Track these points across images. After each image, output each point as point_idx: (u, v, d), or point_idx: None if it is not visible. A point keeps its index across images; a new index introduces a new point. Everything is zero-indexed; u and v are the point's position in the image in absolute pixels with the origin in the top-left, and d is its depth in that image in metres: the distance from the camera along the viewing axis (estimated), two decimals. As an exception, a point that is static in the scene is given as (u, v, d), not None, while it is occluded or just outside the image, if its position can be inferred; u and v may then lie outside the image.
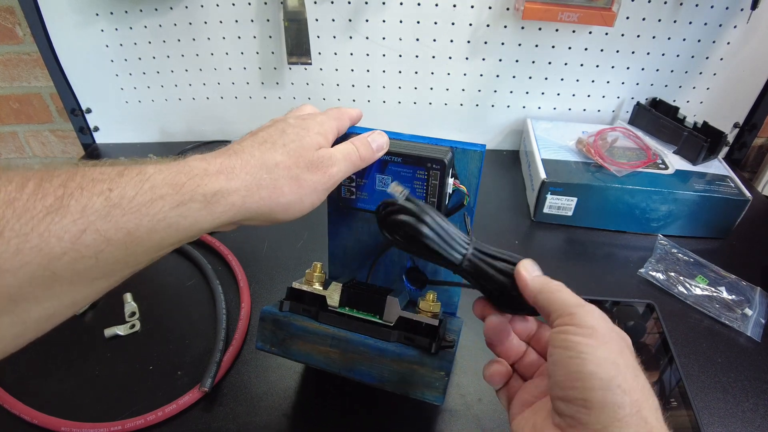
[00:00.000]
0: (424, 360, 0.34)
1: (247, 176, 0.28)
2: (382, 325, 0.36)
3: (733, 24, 0.68)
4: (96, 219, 0.23)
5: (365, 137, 0.35)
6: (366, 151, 0.35)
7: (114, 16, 0.71)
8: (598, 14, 0.64)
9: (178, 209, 0.25)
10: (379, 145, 0.36)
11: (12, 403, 0.42)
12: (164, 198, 0.25)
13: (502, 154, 0.82)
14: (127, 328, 0.49)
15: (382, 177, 0.38)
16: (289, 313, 0.37)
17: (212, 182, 0.27)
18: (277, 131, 0.32)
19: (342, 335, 0.35)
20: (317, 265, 0.39)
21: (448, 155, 0.36)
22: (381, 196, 0.39)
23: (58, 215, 0.22)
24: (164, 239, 0.26)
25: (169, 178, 0.26)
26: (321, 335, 0.36)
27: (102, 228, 0.23)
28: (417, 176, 0.37)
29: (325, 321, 0.36)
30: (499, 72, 0.75)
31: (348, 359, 0.35)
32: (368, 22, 0.71)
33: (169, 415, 0.41)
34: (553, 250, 0.62)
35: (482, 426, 0.42)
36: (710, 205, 0.61)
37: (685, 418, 0.41)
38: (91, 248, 0.23)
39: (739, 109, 0.77)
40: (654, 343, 0.48)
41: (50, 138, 0.94)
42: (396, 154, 0.36)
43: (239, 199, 0.28)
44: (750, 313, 0.52)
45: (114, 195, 0.24)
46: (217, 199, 0.27)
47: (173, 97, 0.80)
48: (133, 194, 0.24)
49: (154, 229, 0.25)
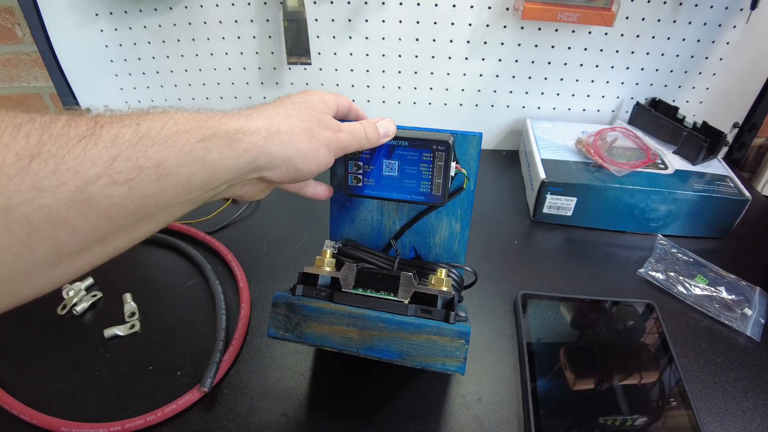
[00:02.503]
0: (443, 330, 0.34)
1: (266, 120, 0.30)
2: (398, 302, 0.36)
3: (733, 24, 0.68)
4: (127, 147, 0.24)
5: (373, 121, 0.38)
6: (372, 132, 0.37)
7: (113, 17, 0.71)
8: (597, 14, 0.64)
9: (203, 143, 0.27)
10: (386, 131, 0.38)
11: (12, 403, 0.42)
12: (189, 132, 0.26)
13: (502, 154, 0.82)
14: (126, 328, 0.49)
15: (389, 162, 0.39)
16: (303, 296, 0.37)
17: (233, 121, 0.28)
18: (283, 100, 0.34)
19: (359, 312, 0.35)
20: (327, 251, 0.40)
21: (451, 138, 0.38)
22: (388, 183, 0.40)
23: (91, 142, 0.23)
24: (192, 175, 0.26)
25: (192, 116, 0.27)
26: (338, 315, 0.35)
27: (133, 156, 0.24)
28: (423, 159, 0.39)
29: (341, 301, 0.36)
30: (499, 72, 0.75)
31: (366, 337, 0.35)
32: (368, 22, 0.71)
33: (168, 416, 0.41)
34: (553, 250, 0.62)
35: (482, 426, 0.42)
36: (710, 205, 0.61)
37: (684, 417, 0.41)
38: (123, 174, 0.23)
39: (739, 109, 0.77)
40: (654, 343, 0.48)
41: (50, 138, 0.94)
42: (403, 138, 0.38)
43: (260, 139, 0.29)
44: (749, 312, 0.52)
45: (142, 128, 0.25)
46: (239, 136, 0.28)
47: (173, 97, 0.80)
48: (160, 128, 0.25)
49: (182, 161, 0.26)
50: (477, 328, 0.50)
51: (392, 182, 0.40)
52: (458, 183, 0.41)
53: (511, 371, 0.46)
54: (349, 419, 0.42)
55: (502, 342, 0.49)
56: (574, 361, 0.46)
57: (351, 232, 0.45)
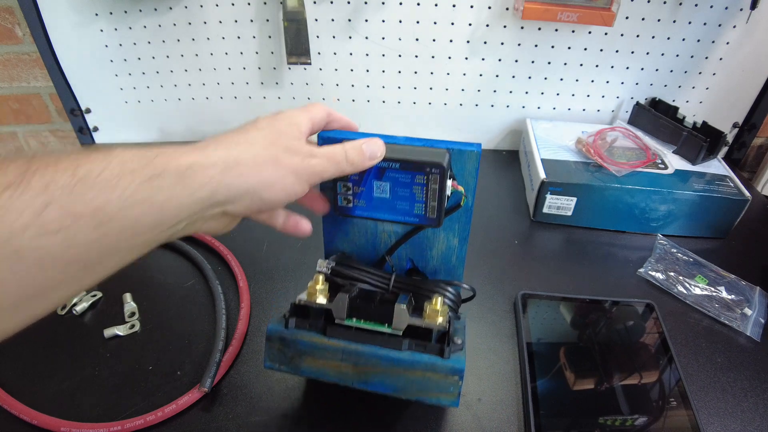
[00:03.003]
0: (437, 366, 0.34)
1: (224, 151, 0.28)
2: (392, 335, 0.35)
3: (733, 24, 0.68)
4: (61, 194, 0.22)
5: (359, 143, 0.34)
6: (356, 155, 0.33)
7: (113, 16, 0.71)
8: (597, 14, 0.64)
9: (150, 183, 0.24)
10: (373, 153, 0.34)
11: (12, 403, 0.42)
12: (134, 172, 0.24)
13: (502, 154, 0.82)
14: (126, 328, 0.49)
15: (380, 183, 0.37)
16: (295, 329, 0.36)
17: (186, 156, 0.26)
18: (249, 126, 0.32)
19: (353, 348, 0.35)
20: (319, 277, 0.38)
21: (446, 158, 0.35)
22: (379, 204, 0.38)
23: (18, 190, 0.21)
24: (140, 217, 0.24)
25: (139, 154, 0.25)
26: (331, 350, 0.35)
27: (66, 202, 0.22)
28: (416, 181, 0.36)
29: (334, 335, 0.35)
30: (499, 72, 0.75)
31: (361, 372, 0.35)
32: (368, 22, 0.71)
33: (168, 416, 0.41)
34: (553, 250, 0.62)
35: (482, 426, 0.42)
36: (710, 205, 0.61)
37: (684, 417, 0.41)
38: (56, 223, 0.22)
39: (739, 109, 0.77)
40: (653, 343, 0.48)
41: (50, 138, 0.94)
42: (393, 160, 0.35)
43: (217, 173, 0.27)
44: (749, 312, 0.52)
45: (80, 170, 0.23)
46: (191, 172, 0.26)
47: (173, 97, 0.80)
48: (101, 169, 0.23)
49: (125, 204, 0.24)
50: (477, 328, 0.50)
51: (384, 204, 0.38)
52: (456, 199, 0.39)
53: (511, 371, 0.46)
54: (349, 419, 0.42)
55: (502, 342, 0.49)
56: (574, 361, 0.46)
57: (345, 244, 0.43)
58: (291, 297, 0.53)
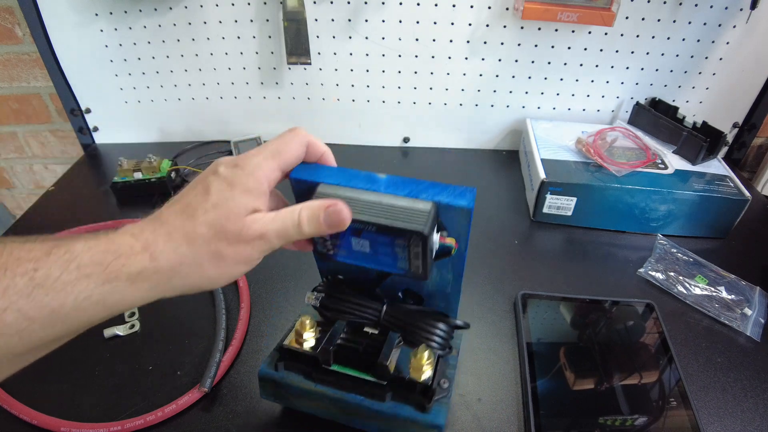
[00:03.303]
0: (418, 420, 0.35)
1: (171, 254, 0.28)
2: (376, 384, 0.36)
3: (732, 24, 0.68)
4: (18, 299, 0.23)
5: (317, 210, 0.30)
6: (312, 227, 0.30)
7: (113, 17, 0.71)
8: (597, 14, 0.64)
9: (104, 287, 0.26)
10: (332, 223, 0.30)
11: (12, 403, 0.42)
12: (90, 277, 0.25)
13: (502, 154, 0.83)
14: (126, 328, 0.49)
15: (359, 240, 0.33)
16: (285, 372, 0.38)
17: (137, 262, 0.27)
18: (201, 192, 0.29)
19: (338, 396, 0.36)
20: (305, 322, 0.38)
21: (429, 219, 0.30)
22: (361, 255, 0.34)
23: None
24: (92, 316, 0.26)
25: (96, 257, 0.26)
26: (318, 395, 0.37)
27: (24, 307, 0.23)
28: (396, 243, 0.31)
29: (320, 382, 0.37)
30: (499, 72, 0.75)
31: (347, 414, 0.37)
32: (368, 22, 0.71)
33: (168, 416, 0.41)
34: (553, 250, 0.62)
35: (482, 426, 0.42)
36: (709, 205, 0.61)
37: (684, 417, 0.41)
38: (13, 327, 0.23)
39: (739, 109, 0.77)
40: (653, 343, 0.48)
41: (50, 138, 0.94)
42: (368, 224, 0.31)
43: (164, 278, 0.28)
44: (749, 312, 0.52)
45: (39, 275, 0.24)
46: (142, 278, 0.27)
47: (173, 97, 0.80)
48: (59, 273, 0.24)
49: (80, 306, 0.25)
50: (477, 328, 0.50)
51: (366, 256, 0.34)
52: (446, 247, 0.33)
53: (511, 371, 0.46)
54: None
55: (502, 342, 0.49)
56: (574, 361, 0.46)
57: (338, 266, 0.41)
58: (290, 297, 0.53)
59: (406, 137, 0.83)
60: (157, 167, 0.69)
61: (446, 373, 0.39)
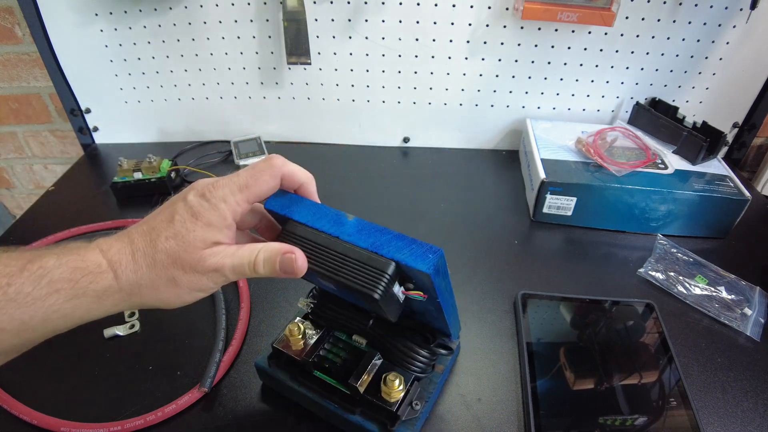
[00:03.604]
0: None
1: (131, 275, 0.30)
2: (349, 397, 0.38)
3: (732, 24, 0.68)
4: None
5: (278, 252, 0.31)
6: (267, 270, 0.31)
7: (113, 16, 0.71)
8: (597, 14, 0.64)
9: (72, 302, 0.28)
10: (287, 270, 0.31)
11: (12, 403, 0.42)
12: (59, 292, 0.28)
13: (502, 154, 0.83)
14: (126, 328, 0.49)
15: (324, 282, 0.33)
16: (276, 369, 0.42)
17: (103, 280, 0.29)
18: (166, 219, 0.30)
19: (316, 399, 0.40)
20: (293, 329, 0.41)
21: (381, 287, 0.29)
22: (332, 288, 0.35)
23: None
24: (58, 327, 0.29)
25: (65, 273, 0.28)
26: (300, 394, 0.41)
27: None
28: (355, 296, 0.31)
29: (303, 384, 0.40)
30: (499, 72, 0.75)
31: (326, 415, 0.41)
32: (367, 22, 0.71)
33: (168, 416, 0.41)
34: (553, 250, 0.62)
35: (482, 426, 0.42)
36: (709, 205, 0.61)
37: (684, 417, 0.41)
38: None
39: (739, 109, 0.77)
40: (653, 343, 0.48)
41: (49, 138, 0.94)
42: (326, 277, 0.31)
43: (125, 296, 0.30)
44: (749, 312, 0.52)
45: (11, 290, 0.26)
46: (106, 295, 0.29)
47: (172, 97, 0.80)
48: (30, 289, 0.27)
49: (48, 319, 0.27)
50: (477, 328, 0.50)
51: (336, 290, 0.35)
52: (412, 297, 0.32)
53: (511, 371, 0.46)
54: (349, 419, 0.42)
55: (502, 342, 0.49)
56: (574, 361, 0.46)
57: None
58: (290, 297, 0.53)
59: (406, 137, 0.83)
60: (157, 167, 0.69)
61: (425, 392, 0.40)
